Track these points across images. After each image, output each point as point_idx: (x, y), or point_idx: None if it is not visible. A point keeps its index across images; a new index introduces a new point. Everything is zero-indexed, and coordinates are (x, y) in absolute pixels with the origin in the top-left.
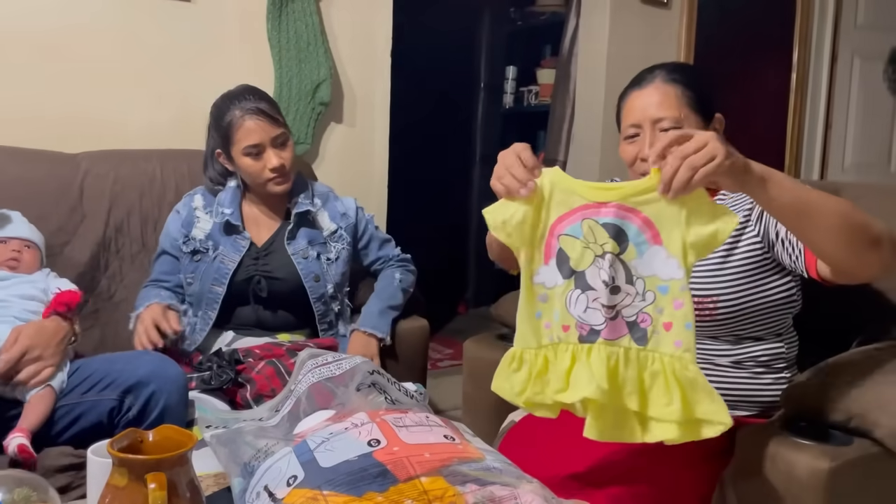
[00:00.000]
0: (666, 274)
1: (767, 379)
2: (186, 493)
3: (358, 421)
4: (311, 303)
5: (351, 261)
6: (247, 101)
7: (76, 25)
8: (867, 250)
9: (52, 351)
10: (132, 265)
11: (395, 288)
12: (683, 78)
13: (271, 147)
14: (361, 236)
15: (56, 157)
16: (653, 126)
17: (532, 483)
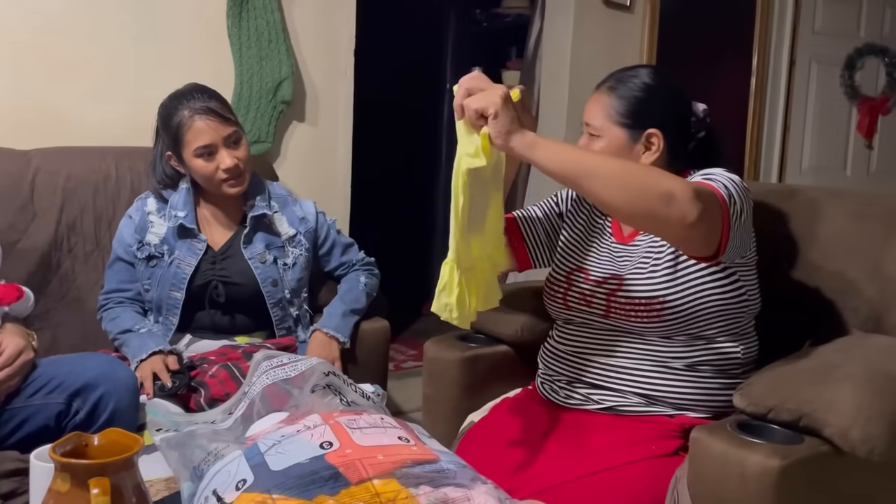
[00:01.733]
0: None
1: (720, 383)
2: (132, 498)
3: (311, 423)
4: (269, 308)
5: (309, 266)
6: (195, 101)
7: (31, 18)
8: (657, 205)
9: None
10: (85, 265)
11: (360, 292)
12: (621, 90)
13: (224, 147)
14: (322, 243)
15: (6, 153)
16: (586, 127)
17: (486, 484)
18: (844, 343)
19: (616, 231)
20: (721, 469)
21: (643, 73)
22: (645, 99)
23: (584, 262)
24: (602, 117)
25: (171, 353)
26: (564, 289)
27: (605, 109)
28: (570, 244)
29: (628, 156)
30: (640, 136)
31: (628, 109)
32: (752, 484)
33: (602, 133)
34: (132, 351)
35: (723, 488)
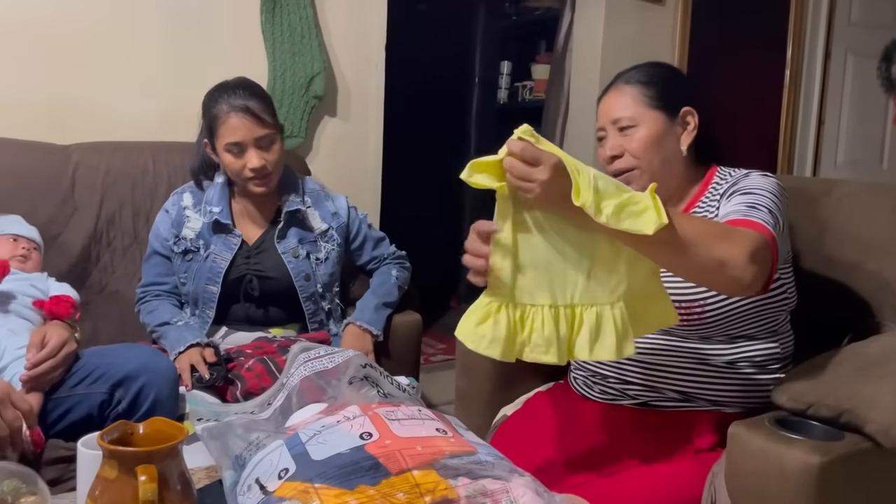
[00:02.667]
0: None
1: (761, 379)
2: (177, 485)
3: (350, 414)
4: (301, 302)
5: (341, 261)
6: (236, 97)
7: (69, 15)
8: (708, 274)
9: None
10: (123, 257)
11: (392, 285)
12: (643, 77)
13: (254, 147)
14: (354, 237)
15: (47, 148)
16: (613, 126)
17: (524, 476)
18: (885, 339)
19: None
20: (760, 465)
21: (651, 64)
22: (671, 80)
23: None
24: (633, 106)
25: (209, 345)
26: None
27: (634, 99)
28: None
29: (669, 138)
30: (677, 115)
31: (660, 92)
32: (792, 480)
33: (639, 121)
34: (170, 343)
35: (762, 484)
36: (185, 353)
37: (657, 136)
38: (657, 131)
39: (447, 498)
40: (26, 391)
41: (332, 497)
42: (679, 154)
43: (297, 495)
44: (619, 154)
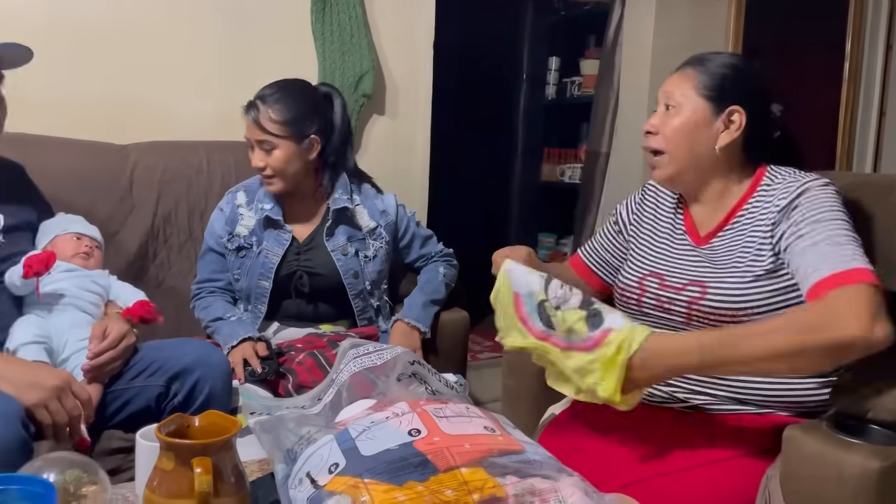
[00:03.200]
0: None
1: (813, 382)
2: (231, 477)
3: (399, 410)
4: (350, 298)
5: (390, 258)
6: (258, 96)
7: (128, 17)
8: (837, 358)
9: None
10: (179, 254)
11: (439, 282)
12: (707, 65)
13: (258, 147)
14: (403, 235)
15: (106, 147)
16: (662, 103)
17: (572, 476)
18: None
19: (692, 232)
20: (817, 469)
21: (730, 54)
22: (731, 76)
23: (658, 267)
24: (685, 88)
25: (260, 340)
26: (637, 295)
27: (689, 81)
28: (639, 248)
29: (705, 132)
30: (723, 111)
31: (714, 83)
32: (850, 485)
33: (683, 104)
34: (223, 338)
35: (819, 489)
36: (238, 347)
37: (692, 126)
38: (693, 121)
39: (495, 496)
40: (87, 381)
41: (382, 492)
42: (711, 150)
43: (347, 490)
44: (653, 131)
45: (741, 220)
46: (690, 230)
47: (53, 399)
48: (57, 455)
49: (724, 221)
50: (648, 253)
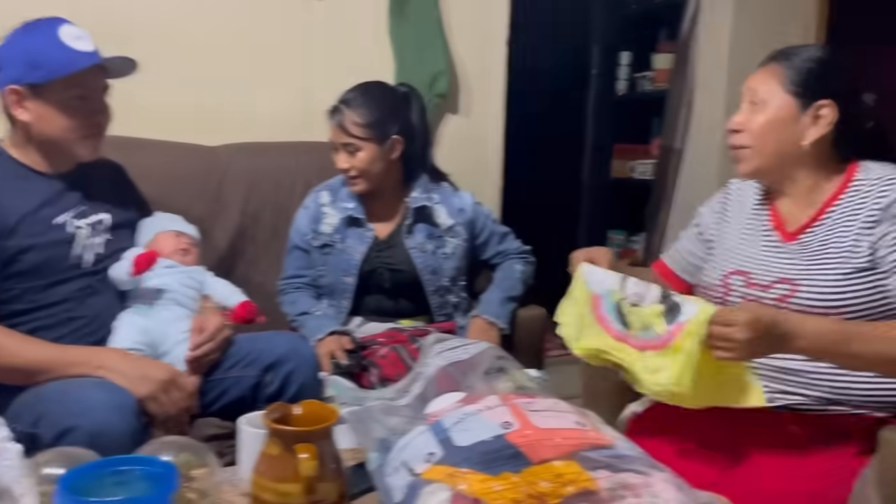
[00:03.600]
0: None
1: None
2: (331, 464)
3: (490, 403)
4: (428, 295)
5: (467, 256)
6: (342, 99)
7: (215, 25)
8: None
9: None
10: (266, 252)
11: (516, 279)
12: (794, 60)
13: (342, 149)
14: (479, 232)
15: (198, 150)
16: (747, 98)
17: (664, 472)
18: None
19: (779, 227)
20: None
21: (816, 47)
22: (818, 70)
23: (743, 264)
24: (770, 83)
25: (345, 334)
26: (722, 293)
27: (775, 76)
28: (727, 247)
29: (792, 128)
30: (810, 106)
31: (800, 78)
32: None
33: (768, 101)
34: (310, 331)
35: None
36: (324, 340)
37: (778, 123)
38: (779, 118)
39: (588, 489)
40: (189, 373)
41: (478, 482)
42: (798, 146)
43: (444, 479)
44: (739, 129)
45: (832, 216)
46: (778, 226)
47: (162, 391)
48: (171, 440)
49: (815, 217)
50: (732, 250)
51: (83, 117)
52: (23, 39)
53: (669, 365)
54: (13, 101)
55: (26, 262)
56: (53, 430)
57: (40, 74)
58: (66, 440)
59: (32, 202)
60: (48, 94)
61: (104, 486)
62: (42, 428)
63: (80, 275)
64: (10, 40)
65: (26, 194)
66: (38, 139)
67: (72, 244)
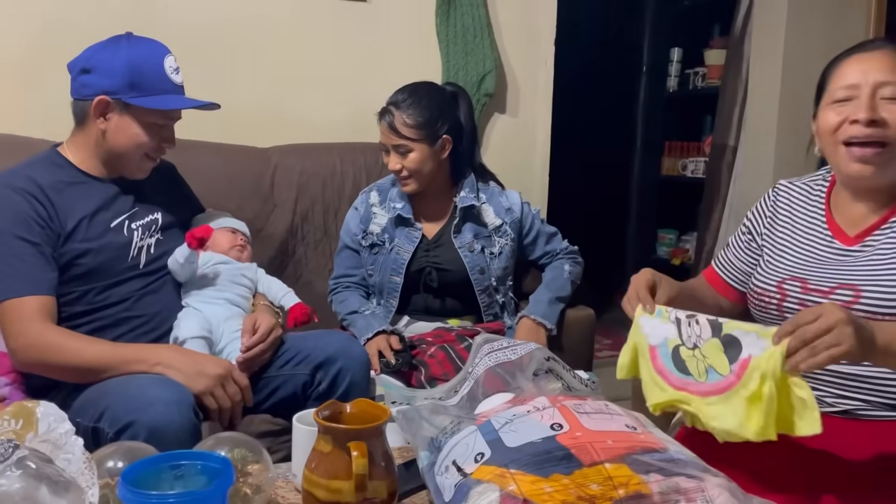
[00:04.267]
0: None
1: None
2: (381, 462)
3: (539, 405)
4: (476, 294)
5: (515, 255)
6: (391, 101)
7: (265, 27)
8: None
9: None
10: (315, 251)
11: (565, 280)
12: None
13: (393, 152)
14: (527, 233)
15: (250, 151)
16: (873, 90)
17: (718, 477)
18: None
19: (838, 233)
20: None
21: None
22: None
23: (800, 270)
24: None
25: (394, 333)
26: (778, 300)
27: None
28: (777, 251)
29: None
30: None
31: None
32: None
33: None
34: (359, 330)
35: None
36: (373, 339)
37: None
38: None
39: (640, 493)
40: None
41: (528, 483)
42: None
43: (493, 479)
44: (879, 120)
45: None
46: (836, 229)
47: (218, 386)
48: (227, 435)
49: (882, 220)
50: (787, 255)
51: (155, 141)
52: (127, 52)
53: (737, 410)
54: (100, 109)
55: (85, 264)
56: (115, 426)
57: (138, 97)
58: (126, 435)
59: (90, 206)
60: (135, 113)
61: (163, 480)
62: (104, 423)
63: (137, 275)
64: (112, 49)
65: (84, 199)
66: (104, 148)
67: (128, 246)
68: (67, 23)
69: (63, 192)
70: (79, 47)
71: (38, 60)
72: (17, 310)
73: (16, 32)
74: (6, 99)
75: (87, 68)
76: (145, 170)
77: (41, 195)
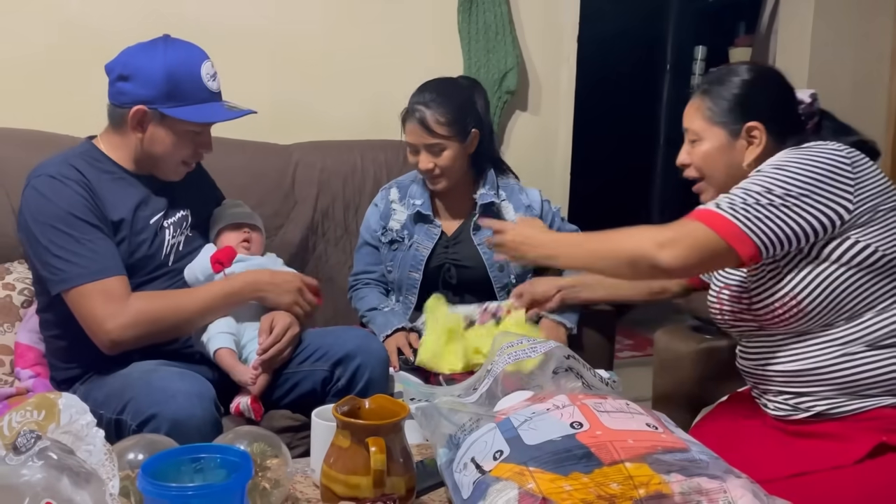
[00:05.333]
0: None
1: None
2: (400, 458)
3: (559, 403)
4: (496, 291)
5: None
6: (420, 101)
7: (286, 26)
8: (627, 270)
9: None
10: (336, 248)
11: None
12: (712, 87)
13: (425, 151)
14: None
15: (272, 148)
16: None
17: (741, 478)
18: None
19: None
20: None
21: (722, 70)
22: (748, 89)
23: (725, 279)
24: (698, 119)
25: (413, 330)
26: (718, 309)
27: (699, 112)
28: None
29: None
30: (742, 130)
31: (728, 106)
32: None
33: (702, 136)
34: (378, 327)
35: None
36: (392, 336)
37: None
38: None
39: (661, 493)
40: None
41: (547, 481)
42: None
43: (512, 476)
44: (685, 165)
45: None
46: None
47: (300, 295)
48: (246, 429)
49: None
50: None
51: (192, 148)
52: (164, 60)
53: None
54: (137, 118)
55: (124, 261)
56: (138, 418)
57: (175, 108)
58: (149, 427)
59: (130, 202)
60: (172, 123)
61: (183, 472)
62: (127, 415)
63: (165, 273)
64: (150, 54)
65: (125, 194)
66: (141, 152)
67: (162, 244)
68: (90, 21)
69: (105, 185)
70: (102, 46)
71: (61, 58)
72: (106, 292)
73: (39, 31)
74: (31, 95)
75: (124, 75)
76: (181, 174)
77: (87, 186)
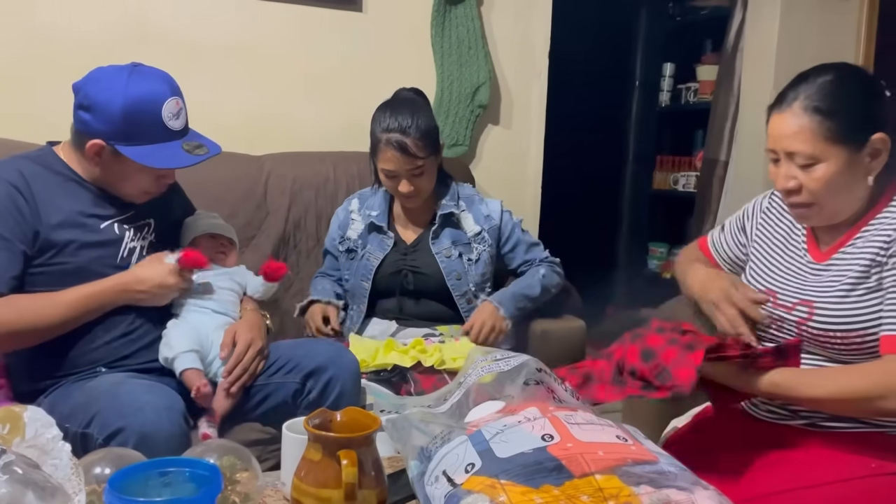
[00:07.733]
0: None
1: None
2: (371, 471)
3: (530, 415)
4: (455, 299)
5: (493, 262)
6: (393, 129)
7: (258, 40)
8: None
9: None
10: (307, 259)
11: (536, 280)
12: (826, 105)
13: (405, 177)
14: (506, 241)
15: (243, 158)
16: (788, 159)
17: (708, 490)
18: None
19: (812, 248)
20: None
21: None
22: (861, 102)
23: (773, 283)
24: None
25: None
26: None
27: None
28: (760, 261)
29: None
30: (865, 146)
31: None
32: None
33: (818, 160)
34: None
35: None
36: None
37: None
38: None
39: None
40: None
41: (519, 494)
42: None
43: (484, 489)
44: (794, 189)
45: (866, 236)
46: (812, 244)
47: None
48: (218, 443)
49: (849, 236)
50: (763, 268)
51: (152, 181)
52: (125, 95)
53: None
54: (94, 150)
55: (72, 262)
56: (104, 431)
57: (130, 146)
58: (116, 441)
59: (77, 204)
60: (128, 161)
61: (151, 486)
62: (93, 428)
63: None
64: (112, 85)
65: (73, 196)
66: (98, 174)
67: (118, 244)
68: (62, 30)
69: (52, 186)
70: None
71: (31, 66)
72: None
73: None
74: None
75: (86, 105)
76: (144, 199)
77: (24, 187)
